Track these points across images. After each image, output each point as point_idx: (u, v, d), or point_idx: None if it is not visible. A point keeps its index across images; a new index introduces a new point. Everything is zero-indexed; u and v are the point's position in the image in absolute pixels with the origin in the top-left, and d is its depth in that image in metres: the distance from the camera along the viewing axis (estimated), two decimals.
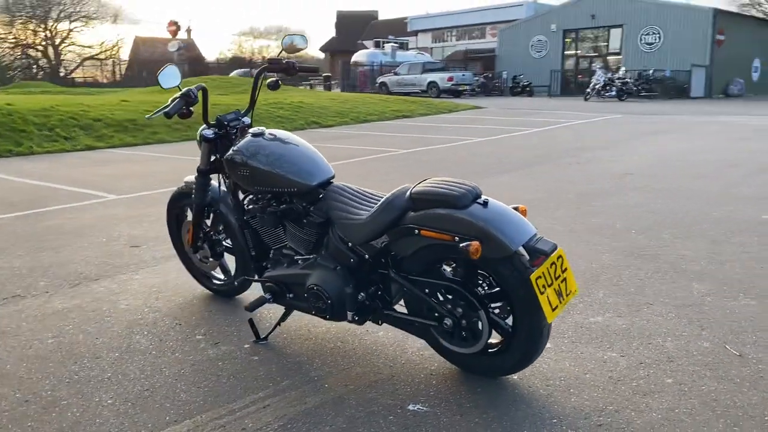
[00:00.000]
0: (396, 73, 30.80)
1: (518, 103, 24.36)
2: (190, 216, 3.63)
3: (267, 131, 3.00)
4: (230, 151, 2.97)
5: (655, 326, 3.13)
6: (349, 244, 2.68)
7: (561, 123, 15.21)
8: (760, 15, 41.08)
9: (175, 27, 50.89)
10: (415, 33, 42.10)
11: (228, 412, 2.39)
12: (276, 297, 2.96)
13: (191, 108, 3.05)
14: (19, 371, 2.76)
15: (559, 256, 2.38)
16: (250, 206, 3.09)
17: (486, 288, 2.50)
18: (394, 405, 2.43)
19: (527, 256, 2.37)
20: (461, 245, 2.28)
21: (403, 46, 38.05)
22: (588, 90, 25.51)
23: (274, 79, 3.17)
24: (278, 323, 3.05)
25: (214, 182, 3.36)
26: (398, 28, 42.62)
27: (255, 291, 3.51)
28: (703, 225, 5.14)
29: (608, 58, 31.52)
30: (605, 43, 32.09)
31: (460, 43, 39.36)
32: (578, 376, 2.63)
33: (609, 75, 25.79)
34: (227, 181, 3.19)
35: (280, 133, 3.03)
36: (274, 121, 14.03)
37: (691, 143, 11.02)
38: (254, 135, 2.99)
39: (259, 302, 2.94)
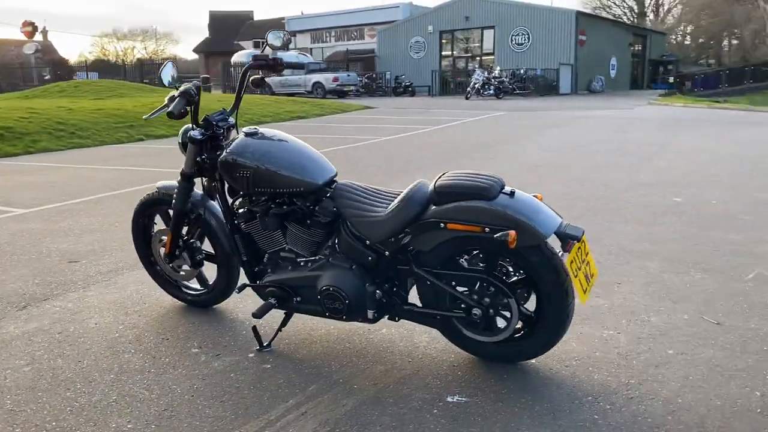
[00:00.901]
0: (279, 74, 30.40)
1: (404, 102, 24.88)
2: (161, 224, 3.42)
3: (260, 130, 2.90)
4: (225, 153, 2.83)
5: (633, 304, 3.35)
6: (367, 242, 2.65)
7: (455, 121, 15.74)
8: (611, 17, 44.75)
9: (30, 28, 46.96)
10: (294, 33, 41.71)
11: (266, 424, 2.29)
12: (281, 302, 2.87)
13: (188, 108, 2.88)
14: (6, 404, 2.47)
15: (583, 241, 2.50)
16: (241, 209, 2.97)
17: (509, 276, 2.57)
18: (432, 398, 2.44)
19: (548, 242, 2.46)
20: (497, 235, 2.33)
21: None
22: (468, 89, 26.54)
23: (259, 76, 3.07)
24: (279, 329, 2.95)
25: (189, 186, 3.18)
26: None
27: (236, 299, 3.38)
28: (628, 210, 5.56)
29: (483, 58, 32.98)
30: (479, 44, 33.54)
31: (340, 44, 39.54)
32: (589, 355, 2.76)
33: (487, 75, 26.99)
34: (215, 184, 3.04)
35: (276, 132, 2.94)
36: (166, 125, 13.39)
37: (581, 136, 11.82)
38: (248, 134, 2.87)
39: (266, 308, 2.83)
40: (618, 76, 35.35)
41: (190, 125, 3.08)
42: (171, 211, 3.36)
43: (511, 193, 2.45)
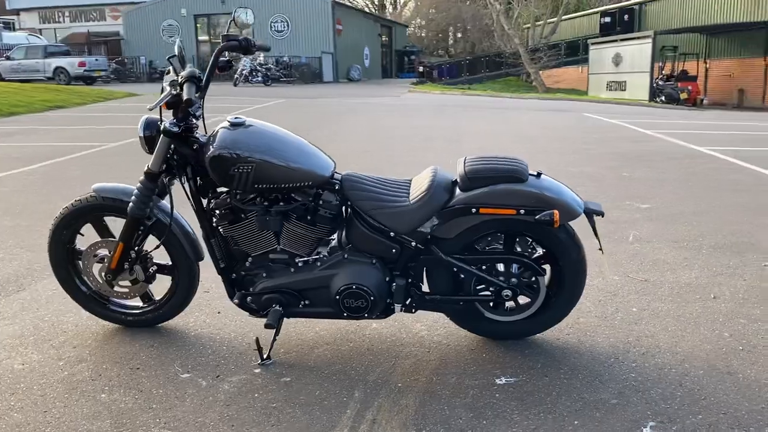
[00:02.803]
0: (9, 58, 26.40)
1: None
2: (95, 236, 2.86)
3: (246, 120, 2.59)
4: (215, 146, 2.47)
5: None
6: (391, 233, 2.54)
7: (243, 108, 15.29)
8: (358, 8, 46.91)
9: None
10: (17, 12, 36.52)
11: None
12: (285, 308, 2.61)
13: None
14: None
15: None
16: (220, 210, 2.62)
17: (527, 255, 2.67)
18: (483, 384, 2.45)
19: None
20: (539, 216, 2.41)
21: (10, 27, 32.69)
22: (236, 76, 25.83)
23: (226, 59, 2.72)
24: (275, 338, 2.69)
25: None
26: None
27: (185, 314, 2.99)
28: None
29: None
30: (237, 30, 32.74)
31: (77, 25, 35.63)
32: (577, 321, 2.99)
33: (252, 62, 26.54)
34: (189, 183, 2.64)
35: (262, 122, 2.64)
36: None
37: (377, 121, 12.33)
38: (235, 125, 2.55)
39: (276, 316, 2.55)
40: (371, 66, 37.33)
41: (152, 117, 2.63)
42: (106, 219, 2.84)
43: (538, 175, 2.54)
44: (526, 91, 27.69)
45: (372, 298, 2.53)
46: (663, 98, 22.55)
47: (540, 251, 2.65)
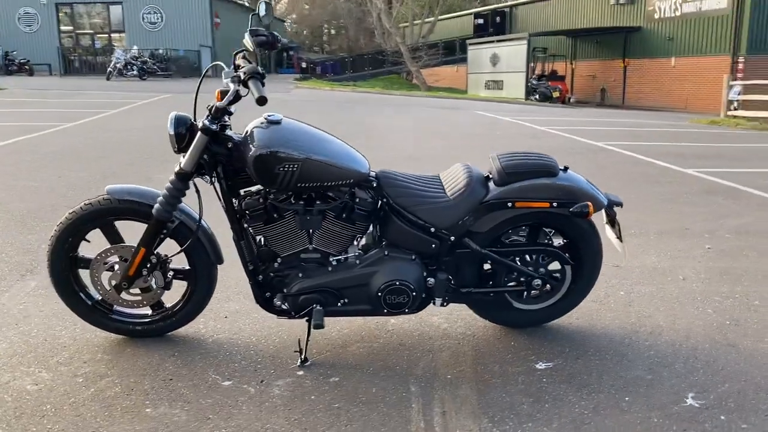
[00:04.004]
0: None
1: (34, 83, 21.59)
2: (106, 243, 2.64)
3: (283, 117, 2.52)
4: (259, 145, 2.38)
5: None
6: (432, 229, 2.57)
7: (133, 102, 14.44)
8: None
9: None
10: None
11: (429, 429, 2.13)
12: (326, 307, 2.57)
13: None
14: None
15: None
16: (254, 211, 2.53)
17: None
18: (527, 370, 2.55)
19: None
20: (574, 208, 2.55)
21: None
22: (110, 69, 24.33)
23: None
24: (308, 339, 2.64)
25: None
26: None
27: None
28: None
29: (112, 35, 30.45)
30: (106, 20, 30.81)
31: None
32: (578, 307, 3.18)
33: (127, 54, 25.09)
34: (220, 183, 2.52)
35: (296, 120, 2.58)
36: None
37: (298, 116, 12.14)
38: (272, 122, 2.47)
39: (321, 315, 2.50)
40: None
41: (180, 113, 2.50)
42: (116, 223, 2.65)
43: (565, 169, 2.69)
44: (410, 88, 28.40)
45: (414, 293, 2.56)
46: (537, 96, 24.03)
47: (559, 241, 2.80)
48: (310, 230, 2.55)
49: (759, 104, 14.78)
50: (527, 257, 2.73)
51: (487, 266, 2.74)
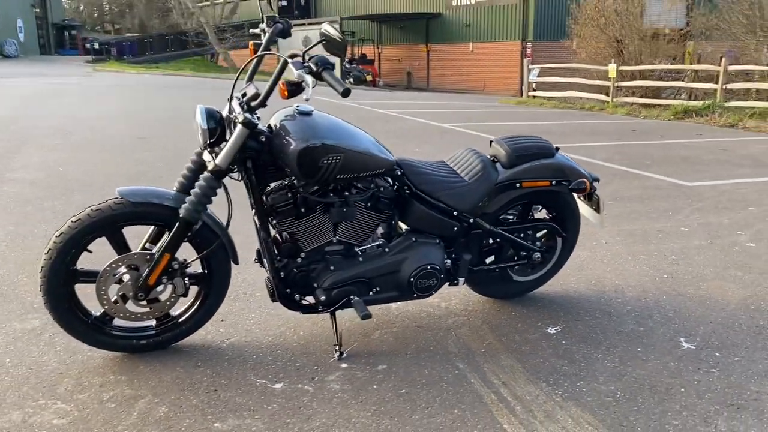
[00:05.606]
0: None
1: None
2: (112, 251, 2.33)
3: (314, 109, 2.44)
4: (305, 137, 2.29)
5: None
6: (454, 212, 2.66)
7: None
8: None
9: None
10: None
11: (503, 403, 2.25)
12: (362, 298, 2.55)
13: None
14: None
15: None
16: (283, 206, 2.42)
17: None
18: (543, 336, 2.76)
19: None
20: (573, 184, 2.81)
21: None
22: None
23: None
24: (337, 331, 2.61)
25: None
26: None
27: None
28: None
29: None
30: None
31: None
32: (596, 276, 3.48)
33: None
34: (251, 179, 2.36)
35: (323, 112, 2.51)
36: None
37: (134, 105, 11.16)
38: (303, 113, 2.39)
39: (362, 305, 2.47)
40: (27, 41, 32.59)
41: (209, 107, 2.31)
42: (122, 230, 2.37)
43: (557, 149, 2.93)
44: (219, 71, 27.39)
45: (441, 275, 2.64)
46: (351, 80, 24.59)
47: (541, 215, 3.05)
48: (338, 222, 2.51)
49: (549, 85, 16.61)
50: (528, 232, 2.94)
51: (491, 243, 2.90)
